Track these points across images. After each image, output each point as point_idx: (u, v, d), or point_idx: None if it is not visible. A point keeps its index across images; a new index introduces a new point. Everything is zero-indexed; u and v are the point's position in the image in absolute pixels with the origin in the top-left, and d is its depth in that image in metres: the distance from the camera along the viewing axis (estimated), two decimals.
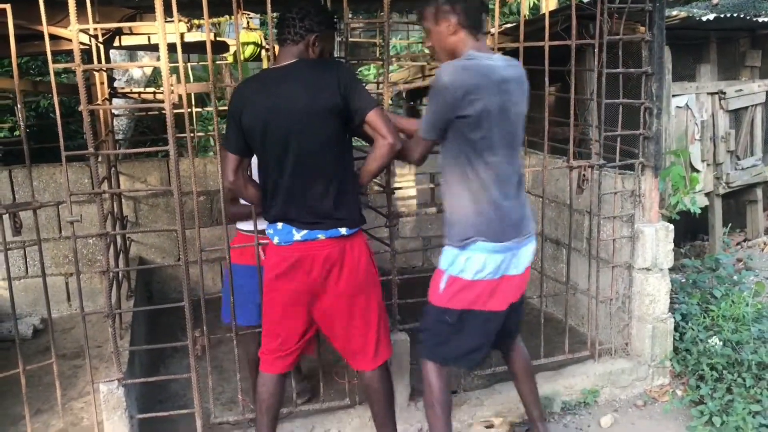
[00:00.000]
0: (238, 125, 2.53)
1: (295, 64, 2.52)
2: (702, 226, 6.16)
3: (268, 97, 2.48)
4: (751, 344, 3.72)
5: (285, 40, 2.55)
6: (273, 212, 2.61)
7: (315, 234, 2.56)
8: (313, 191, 2.54)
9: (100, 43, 3.68)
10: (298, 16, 2.53)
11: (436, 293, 2.69)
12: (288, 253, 2.59)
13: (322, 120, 2.47)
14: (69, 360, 4.12)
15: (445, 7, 2.51)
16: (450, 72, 2.44)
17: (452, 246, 2.63)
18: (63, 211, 4.75)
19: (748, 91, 6.01)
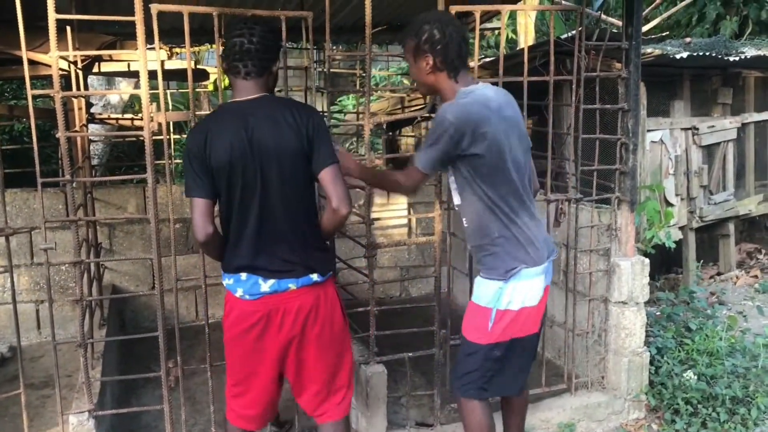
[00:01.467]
0: (206, 164, 2.29)
1: (261, 100, 2.35)
2: (676, 260, 6.23)
3: (237, 133, 2.27)
4: (725, 378, 3.74)
5: (247, 73, 2.33)
6: (236, 261, 2.37)
7: (285, 284, 2.35)
8: (283, 236, 2.35)
9: (79, 69, 3.66)
10: (259, 45, 2.33)
11: (484, 332, 2.56)
12: (254, 307, 2.36)
13: (292, 162, 2.31)
14: (37, 389, 4.02)
15: (424, 47, 2.46)
16: (454, 111, 2.42)
17: (495, 279, 2.54)
18: (36, 237, 4.67)
19: (720, 128, 6.15)
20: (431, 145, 2.48)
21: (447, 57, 2.44)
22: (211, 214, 2.33)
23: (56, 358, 2.87)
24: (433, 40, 2.43)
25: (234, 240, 2.37)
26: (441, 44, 2.43)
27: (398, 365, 3.56)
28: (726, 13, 8.51)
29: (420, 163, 2.53)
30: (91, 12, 4.26)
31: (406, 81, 9.51)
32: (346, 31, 5.76)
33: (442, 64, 2.46)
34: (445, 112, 2.44)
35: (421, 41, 2.45)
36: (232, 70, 2.34)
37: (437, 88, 2.55)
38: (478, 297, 2.59)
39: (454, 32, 2.44)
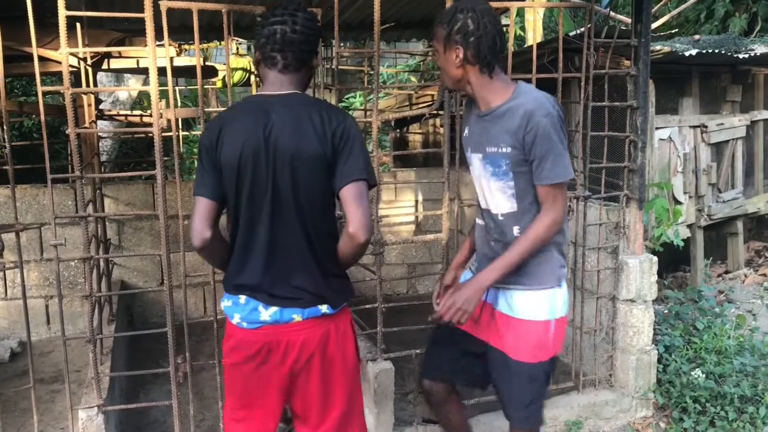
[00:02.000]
0: (215, 161, 2.04)
1: (290, 97, 2.05)
2: (684, 258, 6.21)
3: (254, 129, 2.00)
4: (733, 377, 3.73)
5: (285, 66, 2.04)
6: (237, 279, 2.07)
7: (289, 313, 2.04)
8: (294, 257, 2.04)
9: (89, 66, 3.67)
10: (302, 35, 2.03)
11: (545, 348, 2.32)
12: (253, 337, 2.06)
13: (310, 170, 2.00)
14: (47, 384, 4.04)
15: (456, 37, 2.20)
16: (552, 102, 2.20)
17: (547, 288, 2.30)
18: (45, 233, 4.70)
19: (729, 125, 6.12)
20: (563, 148, 2.18)
21: (480, 51, 2.19)
22: (213, 218, 2.05)
23: (66, 353, 2.89)
24: (466, 31, 2.18)
25: (238, 253, 2.07)
26: (474, 36, 2.18)
27: (405, 362, 3.56)
28: (735, 10, 8.46)
29: (568, 175, 2.20)
30: (101, 9, 4.28)
31: (413, 78, 9.51)
32: (354, 28, 5.75)
33: (473, 58, 2.21)
34: (545, 106, 2.16)
35: (453, 31, 2.20)
36: (269, 61, 2.05)
37: (466, 83, 2.29)
38: (529, 312, 2.31)
39: (489, 24, 2.19)
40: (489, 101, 2.28)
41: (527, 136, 2.16)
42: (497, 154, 2.25)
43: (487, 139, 2.28)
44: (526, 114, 2.16)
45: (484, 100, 2.29)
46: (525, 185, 2.25)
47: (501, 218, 2.33)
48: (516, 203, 2.28)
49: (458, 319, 2.24)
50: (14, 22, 3.24)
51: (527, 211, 2.27)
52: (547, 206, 2.22)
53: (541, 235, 2.21)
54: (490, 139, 2.27)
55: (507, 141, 2.21)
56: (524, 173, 2.23)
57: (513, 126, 2.19)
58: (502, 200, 2.30)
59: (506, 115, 2.22)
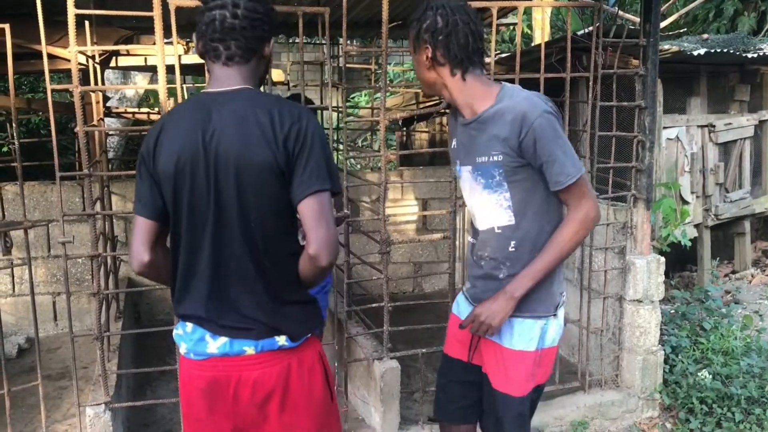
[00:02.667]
0: (152, 173, 1.74)
1: (238, 94, 1.74)
2: (691, 257, 6.20)
3: (192, 134, 1.69)
4: (740, 378, 3.72)
5: (229, 57, 1.74)
6: (181, 308, 1.81)
7: (240, 345, 1.74)
8: (242, 281, 1.75)
9: (97, 63, 3.68)
10: (246, 19, 1.72)
11: (531, 378, 2.15)
12: (201, 370, 1.78)
13: (258, 180, 1.68)
14: (54, 381, 4.06)
15: (424, 36, 2.04)
16: (543, 98, 2.05)
17: (541, 317, 2.12)
18: (53, 230, 4.72)
19: (737, 125, 6.10)
20: (567, 145, 2.02)
21: (449, 50, 2.02)
22: (153, 239, 1.77)
23: (73, 350, 2.90)
24: (434, 29, 2.02)
25: (181, 278, 1.79)
26: (443, 34, 2.01)
27: (411, 361, 3.56)
28: (744, 9, 8.42)
29: (580, 169, 2.02)
30: (109, 7, 4.28)
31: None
32: (361, 27, 5.74)
33: (443, 57, 2.03)
34: (540, 106, 1.99)
35: (421, 29, 2.04)
36: (210, 53, 1.75)
37: (442, 87, 2.11)
38: (519, 341, 2.12)
39: (460, 21, 2.01)
40: (472, 106, 2.09)
41: (525, 141, 1.98)
42: (488, 163, 2.07)
43: (476, 148, 2.10)
44: (518, 117, 1.98)
45: (466, 106, 2.11)
46: (522, 195, 2.07)
47: (498, 232, 2.12)
48: (513, 216, 2.09)
49: (482, 333, 2.09)
50: (24, 19, 3.25)
51: (526, 223, 2.09)
52: (573, 205, 2.03)
53: (571, 236, 2.03)
54: (479, 149, 2.08)
55: (497, 148, 2.03)
56: (520, 182, 2.05)
57: (503, 131, 2.01)
58: (498, 213, 2.11)
59: (493, 120, 2.04)
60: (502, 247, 2.12)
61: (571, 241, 2.04)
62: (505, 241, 2.12)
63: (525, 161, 2.02)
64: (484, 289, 2.16)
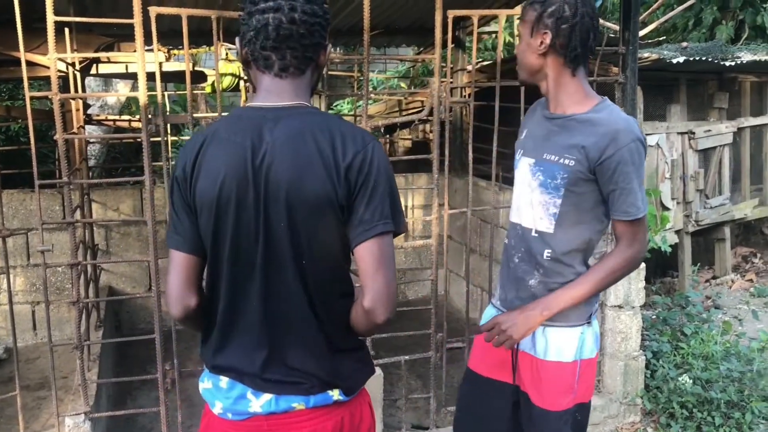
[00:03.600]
0: (189, 199, 1.50)
1: (294, 111, 1.49)
2: (672, 263, 6.25)
3: (240, 156, 1.44)
4: (720, 383, 3.76)
5: (283, 68, 1.49)
6: (217, 359, 1.56)
7: (287, 402, 1.52)
8: (293, 327, 1.51)
9: (77, 71, 3.66)
10: (303, 25, 1.46)
11: (571, 393, 2.02)
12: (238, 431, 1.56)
13: (315, 214, 1.45)
14: (33, 391, 4.01)
15: (547, 21, 1.93)
16: (637, 126, 1.95)
17: (576, 325, 2.02)
18: (32, 239, 4.67)
19: (716, 132, 6.17)
20: (643, 179, 1.94)
21: (571, 40, 1.93)
22: (196, 278, 1.54)
23: (52, 360, 2.87)
24: (560, 15, 1.92)
25: (219, 324, 1.55)
26: (568, 23, 1.91)
27: (394, 368, 3.56)
28: (722, 18, 8.54)
29: (646, 207, 1.96)
30: (90, 14, 4.26)
31: (403, 84, 9.53)
32: (344, 34, 5.76)
33: (561, 47, 1.93)
34: (635, 131, 1.91)
35: (545, 13, 1.93)
36: (261, 62, 1.50)
37: (545, 76, 2.01)
38: (554, 352, 2.02)
39: (587, 15, 1.93)
40: (564, 104, 2.01)
41: (607, 160, 1.88)
42: (556, 163, 1.97)
43: (549, 145, 2.00)
44: (611, 133, 1.89)
45: (559, 102, 2.01)
46: (571, 208, 1.97)
47: (534, 235, 2.04)
48: (554, 224, 2.00)
49: (499, 343, 1.98)
50: (3, 26, 3.23)
51: (563, 235, 2.00)
52: (627, 242, 1.95)
53: (619, 270, 1.96)
54: (553, 146, 1.99)
55: (574, 154, 1.93)
56: (576, 194, 1.95)
57: (589, 140, 1.91)
58: (541, 216, 2.02)
59: (583, 126, 1.95)
60: (538, 252, 2.03)
61: (615, 272, 1.96)
62: (540, 248, 2.03)
63: (594, 176, 1.93)
64: (516, 296, 2.09)
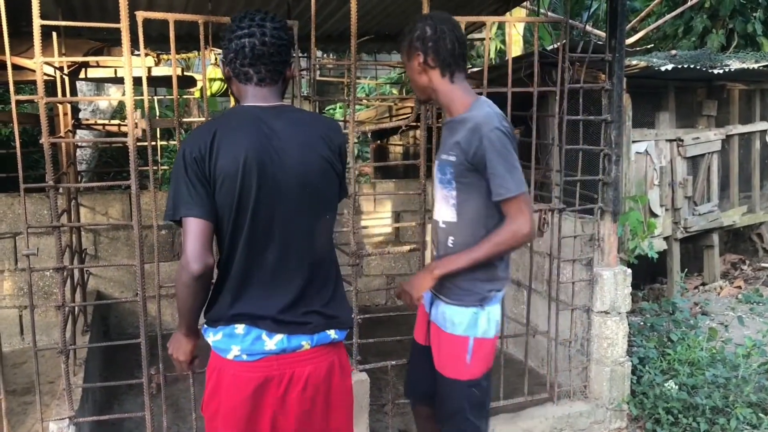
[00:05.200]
0: (207, 174, 1.78)
1: (282, 108, 1.91)
2: (661, 269, 6.27)
3: (257, 138, 1.80)
4: (705, 389, 3.77)
5: (260, 80, 1.87)
6: (236, 307, 1.83)
7: (297, 341, 1.82)
8: (303, 275, 1.85)
9: (65, 75, 3.66)
10: (273, 47, 1.85)
11: (463, 365, 2.32)
12: (251, 371, 1.81)
13: (325, 180, 1.87)
14: (19, 396, 3.99)
15: (416, 44, 2.30)
16: (501, 117, 2.25)
17: (470, 306, 2.31)
18: (20, 243, 4.65)
19: (704, 139, 6.21)
20: (513, 163, 2.21)
21: (438, 54, 2.27)
22: (210, 241, 1.80)
23: (37, 365, 2.86)
24: (424, 37, 2.28)
25: (238, 277, 1.83)
26: (431, 40, 2.27)
27: (381, 373, 3.56)
28: (713, 26, 8.59)
29: (520, 188, 2.20)
30: (79, 18, 4.27)
31: (394, 90, 9.55)
32: (334, 40, 5.77)
33: (433, 61, 2.28)
34: (493, 121, 2.21)
35: (413, 38, 2.31)
36: (242, 77, 1.88)
37: (432, 90, 2.34)
38: (449, 325, 2.34)
39: (447, 29, 2.28)
40: (452, 109, 2.34)
41: (477, 151, 2.20)
42: (445, 161, 2.32)
43: (444, 146, 2.36)
44: (474, 127, 2.21)
45: (449, 109, 2.36)
46: (466, 197, 2.29)
47: (442, 226, 2.38)
48: (455, 213, 2.32)
49: (406, 303, 2.33)
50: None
51: (465, 223, 2.31)
52: (509, 219, 2.23)
53: (501, 242, 2.23)
54: (444, 146, 2.35)
55: (455, 150, 2.27)
56: (465, 184, 2.27)
57: (462, 137, 2.25)
58: (444, 208, 2.36)
59: (460, 125, 2.28)
60: (444, 241, 2.37)
61: (497, 245, 2.24)
62: (445, 236, 2.37)
63: (473, 167, 2.23)
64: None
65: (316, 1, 3.12)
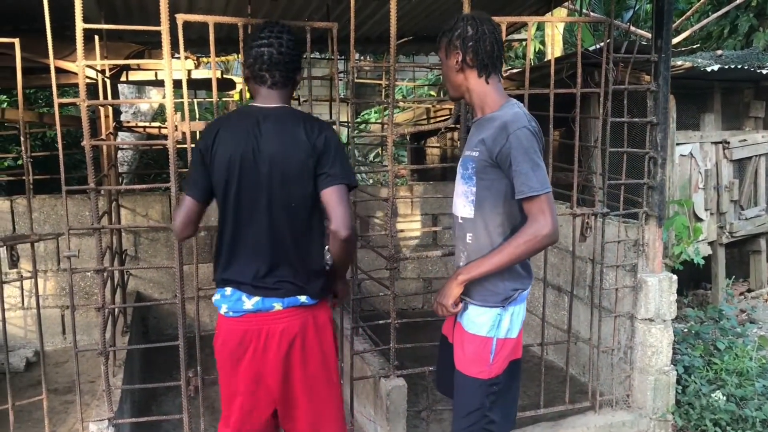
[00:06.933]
0: (206, 164, 2.21)
1: (279, 110, 2.23)
2: (705, 275, 6.11)
3: (246, 135, 2.18)
4: (755, 400, 3.64)
5: (273, 84, 2.22)
6: (224, 274, 2.25)
7: (270, 302, 2.20)
8: (280, 250, 2.21)
9: (107, 78, 3.70)
10: (287, 56, 2.21)
11: (486, 365, 2.33)
12: (237, 325, 2.23)
13: (298, 176, 2.17)
14: (61, 395, 4.05)
15: (456, 42, 2.31)
16: (528, 117, 2.26)
17: (492, 306, 2.31)
18: (62, 244, 4.72)
19: (751, 141, 6.03)
20: (538, 162, 2.20)
21: (477, 54, 2.29)
22: (195, 219, 2.26)
23: (77, 365, 2.89)
24: (464, 36, 2.29)
25: (226, 250, 2.24)
26: (472, 40, 2.28)
27: (419, 378, 3.52)
28: (759, 25, 8.37)
29: (544, 187, 2.19)
30: (121, 22, 4.32)
31: (432, 93, 9.50)
32: (372, 42, 5.75)
33: (472, 61, 2.30)
34: (522, 121, 2.22)
35: (453, 37, 2.32)
36: (258, 79, 2.24)
37: (466, 89, 2.36)
38: (471, 325, 2.34)
39: (488, 30, 2.30)
40: (483, 109, 2.35)
41: (503, 149, 2.20)
42: (468, 156, 2.33)
43: (469, 142, 2.38)
44: (501, 125, 2.22)
45: (480, 108, 2.36)
46: (485, 194, 2.30)
47: (460, 222, 2.39)
48: (473, 210, 2.33)
49: (440, 313, 2.35)
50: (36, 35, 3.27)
51: (483, 220, 2.31)
52: (531, 218, 2.21)
53: (523, 243, 2.20)
54: (470, 143, 2.37)
55: (479, 147, 2.28)
56: (486, 181, 2.28)
57: (488, 134, 2.25)
58: (463, 204, 2.37)
59: (488, 123, 2.29)
60: (462, 237, 2.38)
61: (519, 247, 2.21)
62: (463, 232, 2.38)
63: (496, 164, 2.25)
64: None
65: (355, 2, 3.10)
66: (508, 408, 2.45)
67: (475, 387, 2.34)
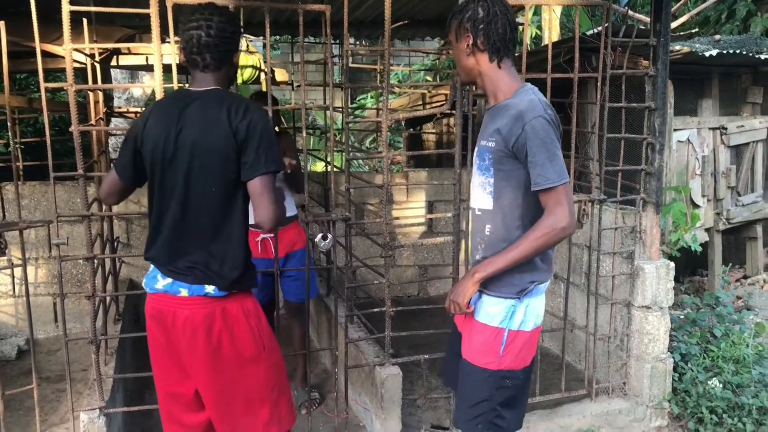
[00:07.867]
0: (134, 145, 2.24)
1: (209, 93, 2.20)
2: (701, 262, 6.10)
3: (168, 122, 2.17)
4: (752, 387, 3.63)
5: (205, 66, 2.20)
6: (149, 252, 2.27)
7: (177, 286, 2.19)
8: (195, 236, 2.19)
9: (96, 62, 3.63)
10: (218, 38, 2.17)
11: (495, 356, 2.26)
12: (152, 301, 2.26)
13: (217, 163, 2.14)
14: (53, 383, 4.01)
15: (466, 25, 2.22)
16: (545, 105, 2.16)
17: (507, 297, 2.24)
18: (54, 231, 4.67)
19: (749, 127, 6.00)
20: (555, 152, 2.12)
21: (489, 37, 2.19)
22: (117, 193, 2.32)
23: (67, 354, 2.86)
24: (475, 18, 2.19)
25: (151, 230, 2.27)
26: (483, 22, 2.18)
27: (414, 366, 3.50)
28: (757, 10, 8.31)
29: (562, 178, 2.11)
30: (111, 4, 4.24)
31: (428, 78, 9.43)
32: (367, 26, 5.68)
33: (483, 44, 2.20)
34: (537, 110, 2.13)
35: (464, 19, 2.22)
36: (191, 63, 2.22)
37: (478, 74, 2.26)
38: (484, 315, 2.28)
39: (500, 11, 2.19)
40: (496, 95, 2.26)
41: (519, 139, 2.12)
42: (485, 147, 2.25)
43: (484, 132, 2.29)
44: (517, 115, 2.13)
45: (493, 94, 2.27)
46: (503, 184, 2.22)
47: (478, 214, 2.31)
48: (492, 201, 2.25)
49: (452, 311, 2.27)
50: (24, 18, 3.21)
51: (501, 211, 2.23)
52: (547, 211, 2.13)
53: (539, 237, 2.12)
54: (485, 132, 2.27)
55: (495, 136, 2.19)
56: (504, 171, 2.20)
57: (503, 123, 2.17)
58: (481, 195, 2.29)
59: (503, 111, 2.20)
60: (480, 229, 2.30)
61: (535, 241, 2.14)
62: (482, 224, 2.30)
63: (513, 154, 2.16)
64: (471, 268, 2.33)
65: None
66: (522, 407, 2.37)
67: (483, 377, 2.28)
